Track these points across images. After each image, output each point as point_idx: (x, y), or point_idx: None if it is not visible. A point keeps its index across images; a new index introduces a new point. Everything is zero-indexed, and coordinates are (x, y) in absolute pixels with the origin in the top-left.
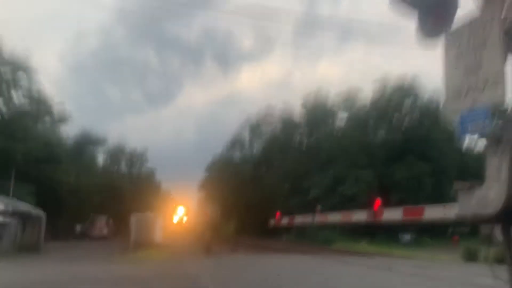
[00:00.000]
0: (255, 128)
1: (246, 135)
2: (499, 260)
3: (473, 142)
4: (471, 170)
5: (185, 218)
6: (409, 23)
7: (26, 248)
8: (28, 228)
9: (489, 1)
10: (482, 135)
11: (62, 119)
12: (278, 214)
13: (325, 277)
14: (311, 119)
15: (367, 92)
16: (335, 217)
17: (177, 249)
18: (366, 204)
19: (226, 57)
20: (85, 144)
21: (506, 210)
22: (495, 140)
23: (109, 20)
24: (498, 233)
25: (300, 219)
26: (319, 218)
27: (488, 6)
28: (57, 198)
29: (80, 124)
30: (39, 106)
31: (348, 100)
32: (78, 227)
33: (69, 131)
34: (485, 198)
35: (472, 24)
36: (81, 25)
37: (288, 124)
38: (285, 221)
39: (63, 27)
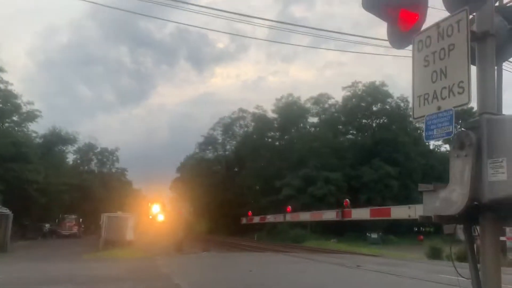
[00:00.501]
0: (228, 128)
1: (219, 135)
2: (461, 258)
3: (438, 146)
4: (436, 173)
5: (160, 217)
6: (381, 29)
7: None
8: None
9: (456, 10)
10: (446, 140)
11: (31, 117)
12: (249, 213)
13: (296, 274)
14: (283, 121)
15: (337, 96)
16: (305, 216)
17: (149, 247)
18: (335, 204)
19: (200, 57)
20: (55, 142)
21: (468, 211)
22: (458, 145)
23: (81, 17)
24: (460, 232)
25: (271, 218)
26: (291, 217)
27: (455, 15)
28: (25, 197)
29: (50, 122)
30: (7, 104)
31: (319, 103)
32: (47, 226)
33: (38, 129)
34: (448, 200)
35: (440, 32)
36: (51, 20)
37: (260, 125)
38: (256, 220)
39: (32, 22)
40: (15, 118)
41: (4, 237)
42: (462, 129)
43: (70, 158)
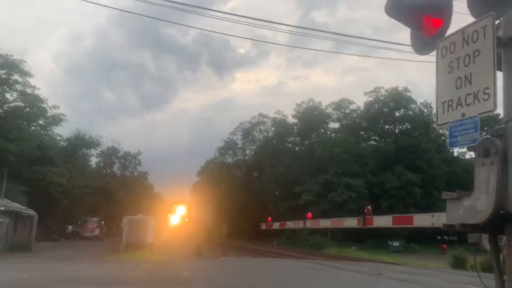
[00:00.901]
0: (247, 133)
1: (239, 139)
2: (486, 269)
3: (462, 153)
4: (460, 180)
5: (185, 219)
6: (404, 34)
7: (18, 247)
8: (19, 228)
9: (482, 15)
10: (471, 147)
11: (56, 121)
12: (269, 219)
13: (316, 281)
14: (304, 126)
15: (359, 101)
16: (325, 223)
17: (169, 250)
18: (356, 211)
19: (221, 62)
20: (79, 146)
21: (493, 220)
22: (483, 152)
23: (106, 23)
24: (485, 242)
25: (291, 224)
26: (311, 223)
27: (481, 20)
28: (49, 199)
29: (74, 125)
30: (33, 108)
31: (340, 109)
32: (69, 228)
33: (63, 133)
34: (473, 208)
35: (465, 37)
36: (77, 26)
37: (280, 130)
38: (276, 226)
39: (59, 28)
40: (41, 122)
41: (29, 237)
42: (488, 136)
43: (93, 161)
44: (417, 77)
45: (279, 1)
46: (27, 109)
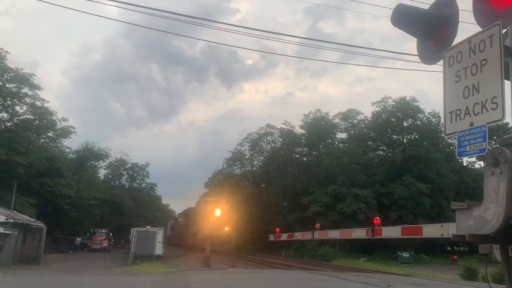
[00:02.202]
0: (255, 144)
1: (246, 150)
2: (498, 280)
3: (472, 162)
4: (469, 190)
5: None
6: (412, 44)
7: (26, 259)
8: (28, 240)
9: (488, 25)
10: (480, 156)
11: (65, 134)
12: (277, 230)
13: None
14: (311, 137)
15: (367, 111)
16: (334, 234)
17: (177, 262)
18: (365, 222)
19: (229, 74)
20: (87, 158)
21: (504, 230)
22: (493, 161)
23: (115, 36)
24: (496, 252)
25: (299, 235)
26: (319, 234)
27: (487, 30)
28: (58, 211)
29: (83, 137)
30: (43, 121)
31: (348, 119)
32: (78, 240)
33: (71, 145)
34: (482, 218)
35: (472, 47)
36: (86, 39)
37: (288, 141)
38: (284, 237)
39: (68, 41)
40: (50, 134)
41: (37, 249)
42: (496, 145)
43: (102, 173)
44: (424, 86)
45: (287, 12)
46: (37, 121)
